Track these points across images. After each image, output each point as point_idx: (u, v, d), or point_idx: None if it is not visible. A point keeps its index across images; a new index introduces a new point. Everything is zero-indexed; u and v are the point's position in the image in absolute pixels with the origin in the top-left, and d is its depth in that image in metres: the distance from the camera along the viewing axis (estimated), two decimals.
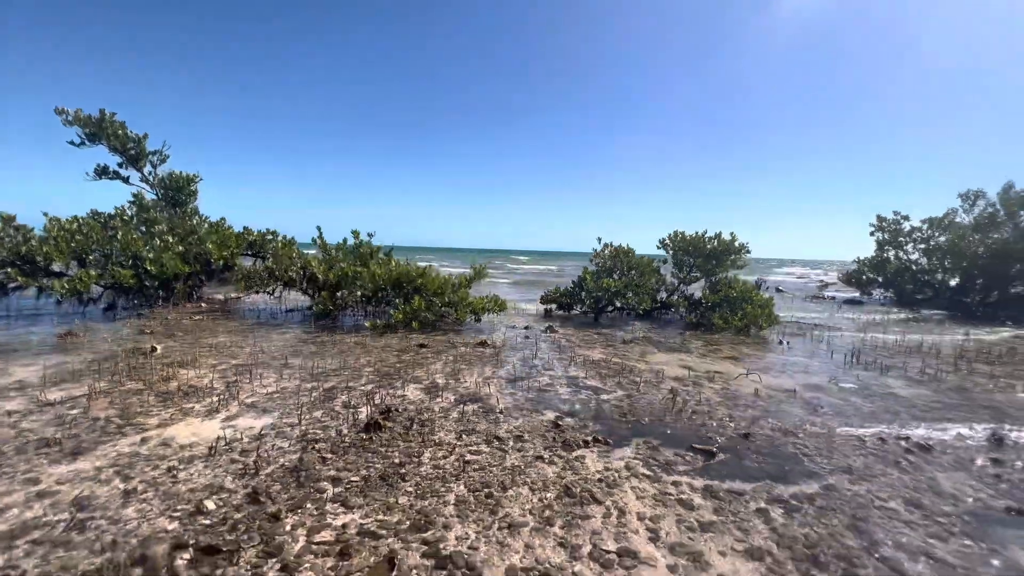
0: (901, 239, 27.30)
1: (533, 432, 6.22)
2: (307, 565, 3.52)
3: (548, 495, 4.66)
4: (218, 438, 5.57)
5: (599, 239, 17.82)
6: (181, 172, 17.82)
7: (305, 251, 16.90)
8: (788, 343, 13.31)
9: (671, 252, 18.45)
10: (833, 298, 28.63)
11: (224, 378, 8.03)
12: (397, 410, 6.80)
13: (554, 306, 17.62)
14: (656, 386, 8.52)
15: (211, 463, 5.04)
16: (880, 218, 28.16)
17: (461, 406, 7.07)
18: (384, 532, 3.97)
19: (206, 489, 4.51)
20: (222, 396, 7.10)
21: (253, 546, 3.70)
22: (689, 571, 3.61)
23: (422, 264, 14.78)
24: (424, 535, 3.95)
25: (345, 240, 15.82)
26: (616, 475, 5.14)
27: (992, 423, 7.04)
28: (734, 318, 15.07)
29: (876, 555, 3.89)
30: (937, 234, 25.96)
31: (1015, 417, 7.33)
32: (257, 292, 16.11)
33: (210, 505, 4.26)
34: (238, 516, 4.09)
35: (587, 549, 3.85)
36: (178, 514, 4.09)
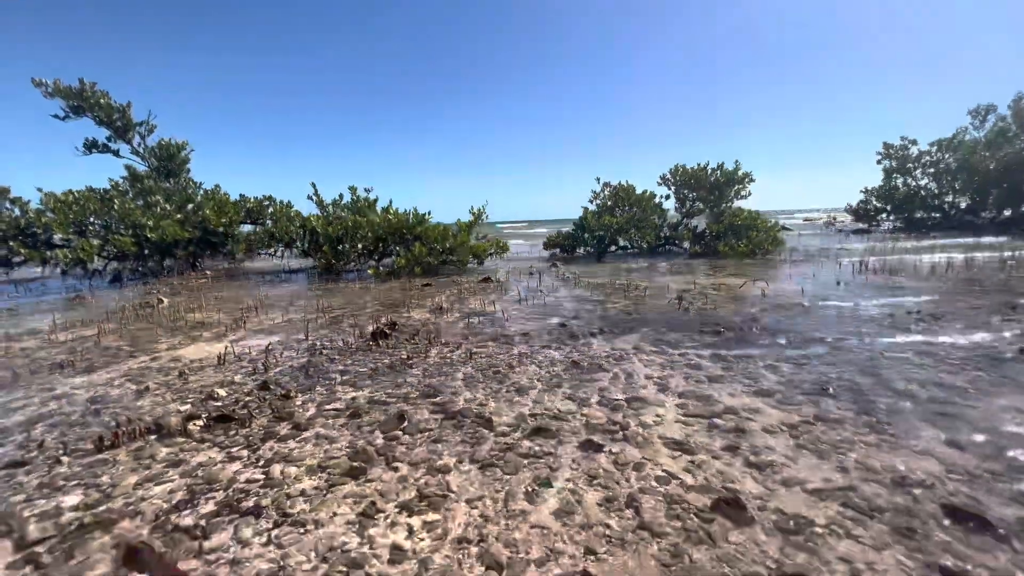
0: (909, 165, 26.59)
1: (539, 331, 6.22)
2: (319, 424, 3.56)
3: (555, 368, 4.67)
4: (226, 352, 5.62)
5: (598, 179, 17.53)
6: (171, 140, 17.59)
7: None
8: (794, 261, 13.16)
9: (673, 188, 18.13)
10: (841, 231, 28.20)
11: (231, 316, 8.07)
12: (403, 325, 6.81)
13: (557, 250, 17.49)
14: (661, 297, 8.46)
15: (221, 369, 5.08)
16: (887, 145, 27.36)
17: (467, 319, 7.07)
18: (393, 400, 3.99)
19: (216, 384, 4.56)
20: (230, 327, 7.15)
21: (265, 416, 3.74)
22: (698, 407, 3.61)
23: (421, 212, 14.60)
24: (433, 399, 3.98)
25: (341, 195, 15.67)
26: (623, 352, 5.13)
27: (1006, 299, 6.95)
28: (740, 245, 14.88)
29: (887, 386, 3.86)
30: (947, 156, 25.23)
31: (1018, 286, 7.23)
32: (259, 254, 16.10)
33: (221, 392, 4.30)
34: (249, 399, 4.13)
35: (595, 399, 3.86)
36: (190, 401, 4.14)
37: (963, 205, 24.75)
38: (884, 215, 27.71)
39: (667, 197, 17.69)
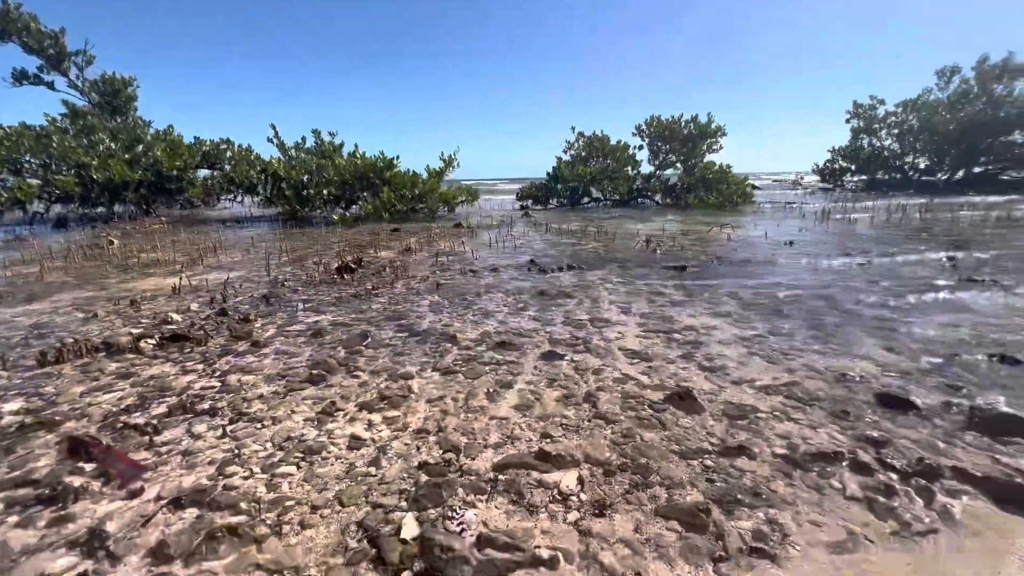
0: (876, 125, 27.02)
1: (509, 267, 6.20)
2: (279, 342, 3.49)
3: (522, 296, 4.68)
4: (181, 283, 5.39)
5: (573, 128, 17.19)
6: (115, 74, 16.15)
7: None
8: (762, 212, 13.44)
9: (647, 139, 17.98)
10: (808, 188, 28.85)
11: (188, 256, 7.72)
12: (370, 263, 6.67)
13: (530, 201, 17.31)
14: (631, 240, 8.53)
15: (176, 299, 4.88)
16: (856, 104, 27.63)
17: (435, 258, 6.97)
18: (357, 323, 3.94)
19: (172, 311, 4.38)
20: (186, 264, 6.85)
21: (223, 336, 3.63)
22: (659, 325, 3.70)
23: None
24: (398, 322, 3.94)
25: (304, 139, 14.90)
26: (590, 283, 5.18)
27: (950, 242, 7.31)
28: (710, 197, 15.06)
29: (836, 308, 4.05)
30: (910, 117, 25.76)
31: (973, 240, 7.62)
32: (218, 200, 15.34)
33: (176, 317, 4.15)
34: (206, 323, 3.99)
35: (560, 320, 3.91)
36: (143, 325, 3.98)
37: (922, 166, 25.58)
38: (849, 175, 28.38)
39: (640, 148, 17.59)
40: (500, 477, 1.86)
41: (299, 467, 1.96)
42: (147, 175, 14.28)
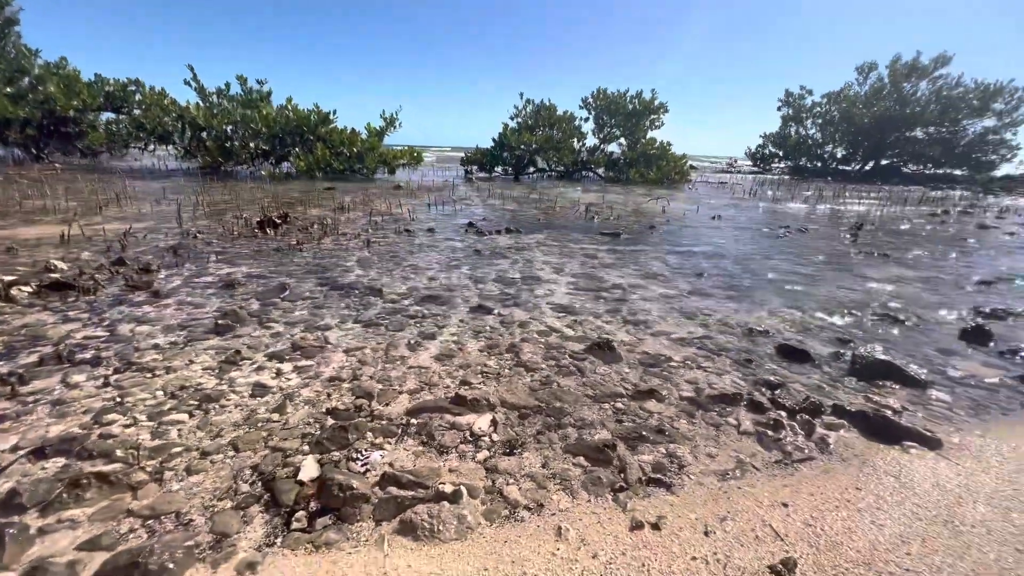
0: (803, 114, 28.73)
1: (445, 229, 6.05)
2: (184, 293, 3.19)
3: (456, 255, 4.59)
4: (71, 232, 4.78)
5: (521, 94, 16.86)
6: None
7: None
8: (697, 189, 14.02)
9: (593, 112, 18.03)
10: (739, 171, 30.41)
11: (86, 205, 6.86)
12: (298, 219, 6.26)
13: (474, 168, 16.96)
14: (572, 209, 8.59)
15: (65, 247, 4.33)
16: (788, 93, 29.17)
17: (369, 218, 6.66)
18: (275, 275, 3.68)
19: (57, 259, 3.88)
20: (82, 213, 6.09)
21: (118, 286, 3.26)
22: (588, 284, 3.76)
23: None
24: (321, 276, 3.73)
25: (228, 85, 13.54)
26: (526, 245, 5.17)
27: (853, 224, 7.99)
28: (650, 172, 15.46)
29: (753, 273, 4.30)
30: (832, 108, 27.60)
31: (872, 219, 8.38)
32: (127, 149, 13.75)
33: (61, 264, 3.68)
34: (97, 273, 3.56)
35: (492, 277, 3.86)
36: (19, 272, 3.49)
37: (839, 155, 27.66)
38: (777, 160, 30.17)
39: (586, 120, 17.63)
40: (412, 421, 1.82)
41: (192, 415, 1.80)
42: (35, 114, 12.47)
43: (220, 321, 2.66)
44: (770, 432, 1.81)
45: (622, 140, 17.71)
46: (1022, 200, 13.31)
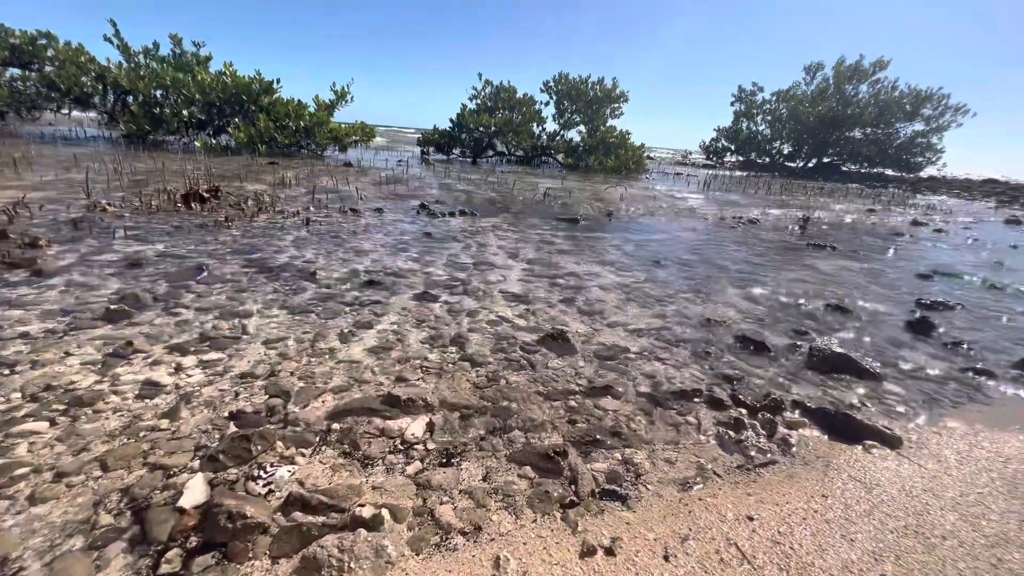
0: (754, 110, 29.73)
1: (396, 209, 5.68)
2: (75, 273, 2.73)
3: (405, 238, 4.27)
4: None
5: (480, 75, 16.35)
6: None
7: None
8: (655, 179, 14.15)
9: (554, 97, 17.78)
10: (694, 164, 31.21)
11: None
12: (232, 194, 5.70)
13: (432, 148, 16.36)
14: (530, 192, 8.37)
15: None
16: (741, 89, 30.04)
17: (313, 195, 6.17)
18: (195, 255, 3.26)
19: None
20: None
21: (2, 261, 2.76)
22: (544, 271, 3.57)
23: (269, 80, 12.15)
24: (248, 256, 3.34)
25: (156, 44, 12.28)
26: (480, 228, 4.91)
27: (801, 218, 8.25)
28: (609, 160, 15.46)
29: (708, 262, 4.25)
30: (781, 106, 28.70)
31: (817, 214, 8.68)
32: (34, 109, 12.23)
33: None
34: None
35: (442, 262, 3.60)
36: None
37: (786, 151, 28.88)
38: (729, 154, 31.15)
39: (547, 104, 17.35)
40: (335, 426, 1.56)
41: (55, 423, 1.46)
42: None
43: (114, 306, 2.27)
44: (731, 433, 1.68)
45: (582, 127, 17.60)
46: (947, 199, 14.31)
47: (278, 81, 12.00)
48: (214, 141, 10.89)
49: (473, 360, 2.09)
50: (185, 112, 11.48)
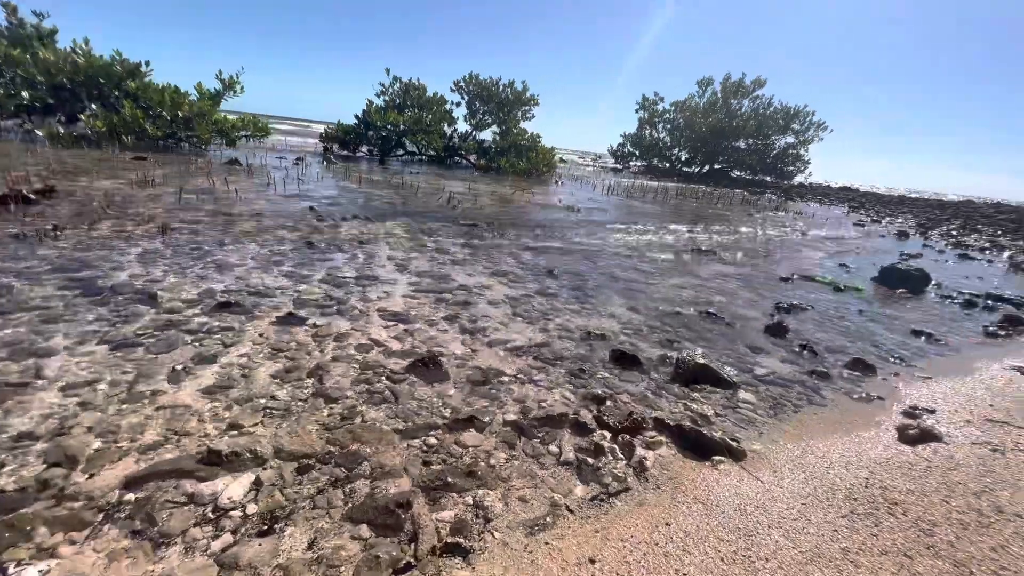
0: (656, 119, 31.87)
1: (279, 213, 5.20)
2: None
3: (282, 247, 3.90)
4: None
5: (387, 70, 15.75)
6: None
7: None
8: (563, 183, 14.55)
9: (466, 97, 17.65)
10: (602, 167, 32.75)
11: None
12: (71, 193, 4.86)
13: (335, 145, 15.46)
14: (435, 195, 8.17)
15: None
16: (644, 98, 32.00)
17: (181, 196, 5.47)
18: (6, 274, 2.68)
19: None
20: None
21: None
22: (432, 285, 3.42)
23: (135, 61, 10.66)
24: (74, 274, 2.81)
25: None
26: (372, 235, 4.64)
27: (691, 223, 8.90)
28: (520, 162, 15.65)
29: (600, 271, 4.37)
30: (679, 116, 31.06)
31: (706, 219, 9.43)
32: None
33: None
34: None
35: (319, 277, 3.31)
36: None
37: (684, 157, 31.30)
38: (634, 159, 33.09)
39: (458, 105, 17.19)
40: (129, 497, 1.29)
41: None
42: None
43: None
44: (590, 460, 1.66)
45: (494, 128, 17.66)
46: (811, 204, 16.32)
47: (147, 63, 10.60)
48: (65, 130, 9.33)
49: (328, 396, 1.89)
50: (25, 94, 9.74)
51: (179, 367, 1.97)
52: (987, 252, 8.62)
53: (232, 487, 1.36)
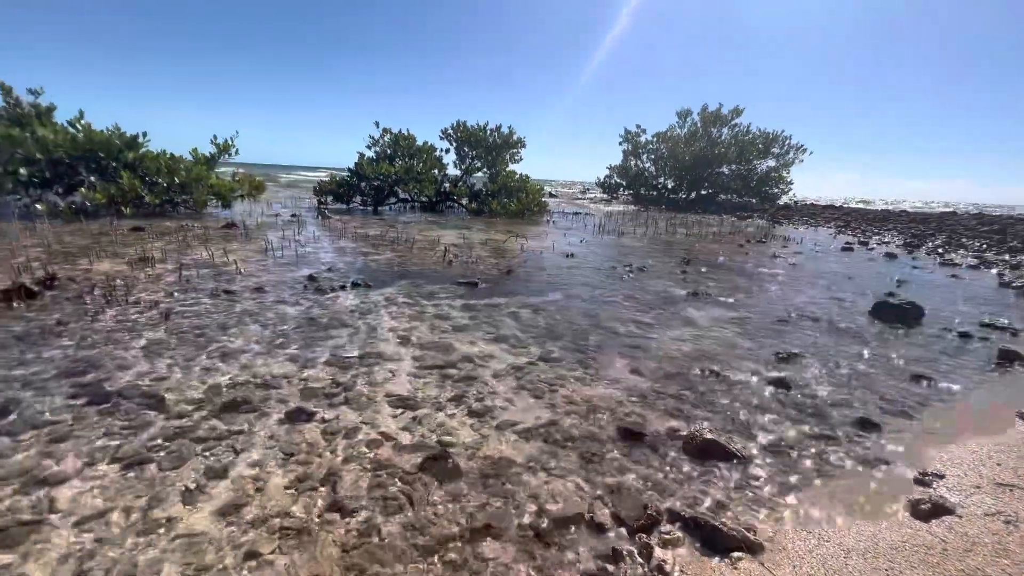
0: (640, 150, 32.78)
1: (280, 285, 5.27)
2: None
3: (285, 327, 3.94)
4: None
5: (376, 123, 16.23)
6: None
7: None
8: (554, 222, 14.81)
9: (454, 144, 18.14)
10: (592, 199, 33.39)
11: None
12: (73, 280, 4.92)
13: (330, 198, 15.76)
14: (430, 250, 8.29)
15: None
16: (627, 130, 33.03)
17: (181, 273, 5.54)
18: (2, 385, 2.69)
19: None
20: None
21: None
22: (436, 358, 3.45)
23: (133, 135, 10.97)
24: (80, 378, 2.83)
25: None
26: (372, 306, 4.70)
27: (682, 258, 9.06)
28: (511, 204, 15.96)
29: (599, 325, 4.42)
30: (661, 146, 31.96)
31: (696, 254, 9.60)
32: None
33: None
34: None
35: (324, 359, 3.34)
36: None
37: (670, 186, 32.02)
38: (622, 189, 33.79)
39: (447, 151, 17.63)
40: None
41: None
42: None
43: None
44: (610, 568, 1.66)
45: (483, 171, 18.08)
46: (799, 228, 16.63)
47: (144, 135, 10.89)
48: (63, 204, 9.50)
49: (344, 508, 1.89)
50: (23, 171, 9.95)
51: (191, 485, 1.97)
52: (975, 270, 8.79)
53: None
